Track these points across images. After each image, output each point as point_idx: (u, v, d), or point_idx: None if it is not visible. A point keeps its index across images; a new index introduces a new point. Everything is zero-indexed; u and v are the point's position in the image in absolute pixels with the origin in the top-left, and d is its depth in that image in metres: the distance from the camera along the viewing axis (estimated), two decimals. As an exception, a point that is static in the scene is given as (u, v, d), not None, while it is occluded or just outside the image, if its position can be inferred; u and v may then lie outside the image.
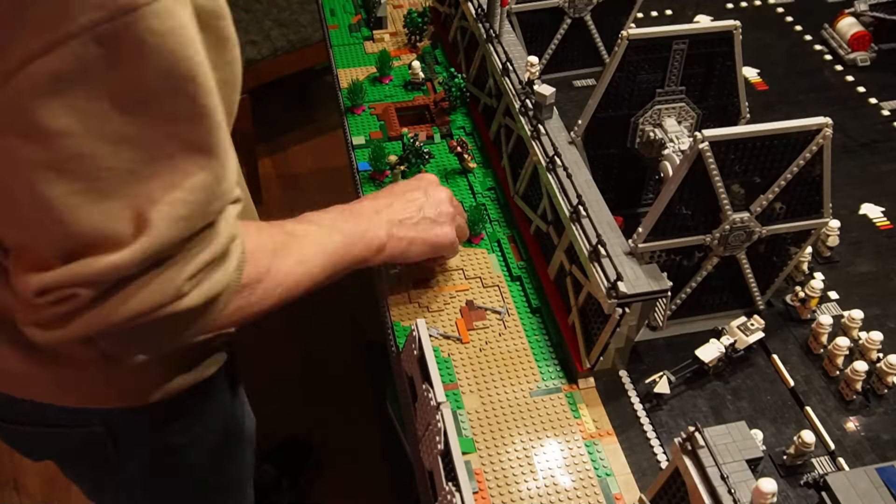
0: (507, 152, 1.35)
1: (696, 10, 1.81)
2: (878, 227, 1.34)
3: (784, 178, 1.03)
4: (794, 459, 0.99)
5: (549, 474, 0.99)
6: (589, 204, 1.07)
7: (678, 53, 1.15)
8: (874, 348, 1.09)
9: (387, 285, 1.21)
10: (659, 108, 1.20)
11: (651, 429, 1.05)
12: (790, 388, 1.09)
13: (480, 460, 1.00)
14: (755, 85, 1.62)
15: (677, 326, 1.17)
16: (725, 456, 0.80)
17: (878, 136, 1.51)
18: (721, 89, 1.22)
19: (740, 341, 1.09)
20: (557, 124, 1.22)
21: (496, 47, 1.34)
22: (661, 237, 1.03)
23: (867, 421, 1.05)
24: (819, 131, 1.00)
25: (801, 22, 1.80)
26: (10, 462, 2.28)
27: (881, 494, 0.78)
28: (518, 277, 1.24)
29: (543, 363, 1.12)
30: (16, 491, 2.23)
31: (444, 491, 0.90)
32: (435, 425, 0.94)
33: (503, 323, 1.17)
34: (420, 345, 1.01)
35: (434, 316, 1.18)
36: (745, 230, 1.07)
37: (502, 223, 1.33)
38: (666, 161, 1.13)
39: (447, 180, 1.40)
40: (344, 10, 1.81)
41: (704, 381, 1.10)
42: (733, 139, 0.98)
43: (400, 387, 1.15)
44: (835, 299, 1.21)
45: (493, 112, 1.40)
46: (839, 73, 1.66)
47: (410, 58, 1.64)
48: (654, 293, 0.99)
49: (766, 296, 1.18)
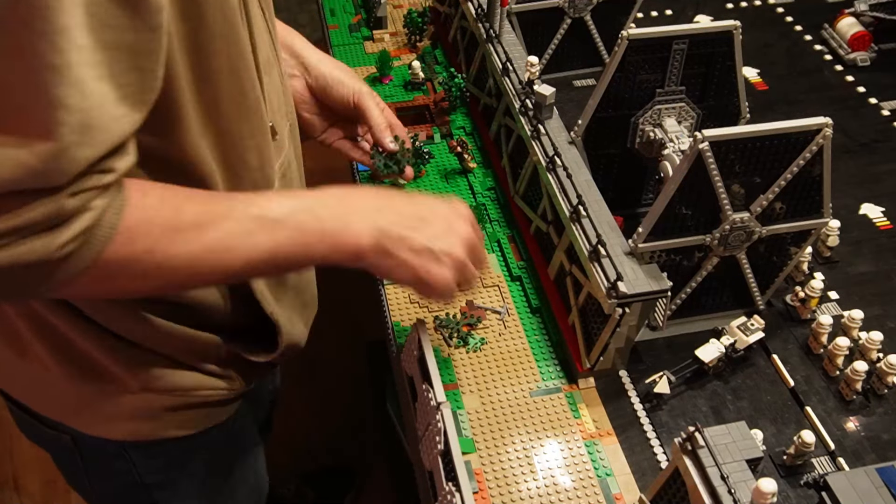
0: (507, 152, 1.35)
1: (696, 10, 1.81)
2: (878, 227, 1.34)
3: (784, 178, 1.03)
4: (794, 459, 0.99)
5: (549, 474, 0.99)
6: (589, 204, 1.07)
7: (678, 53, 1.15)
8: (874, 348, 1.09)
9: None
10: (659, 108, 1.20)
11: (651, 429, 1.05)
12: (790, 388, 1.09)
13: (480, 460, 1.00)
14: (755, 85, 1.62)
15: (677, 326, 1.17)
16: (725, 456, 0.80)
17: (878, 136, 1.51)
18: (721, 89, 1.22)
19: (740, 341, 1.09)
20: (557, 124, 1.22)
21: (496, 47, 1.34)
22: (661, 237, 1.03)
23: (867, 421, 1.05)
24: (819, 131, 1.00)
25: (801, 22, 1.80)
26: (10, 462, 2.28)
27: (881, 494, 0.78)
28: (518, 277, 1.24)
29: (543, 363, 1.12)
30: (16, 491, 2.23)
31: (444, 491, 0.89)
32: (435, 425, 0.94)
33: (503, 323, 1.17)
34: (420, 345, 1.01)
35: (434, 316, 1.18)
36: (745, 230, 1.07)
37: (502, 223, 1.33)
38: (666, 161, 1.13)
39: (447, 180, 1.40)
40: (344, 10, 1.81)
41: (704, 381, 1.10)
42: (733, 139, 0.98)
43: (400, 387, 1.15)
44: (835, 299, 1.21)
45: (493, 112, 1.40)
46: (839, 73, 1.66)
47: (410, 58, 1.64)
48: (654, 293, 0.99)
49: (766, 296, 1.18)
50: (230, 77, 0.81)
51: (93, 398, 0.98)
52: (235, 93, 0.83)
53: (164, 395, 0.99)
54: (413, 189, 1.38)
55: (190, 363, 0.99)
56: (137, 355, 0.94)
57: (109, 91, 0.65)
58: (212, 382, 1.02)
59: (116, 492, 1.13)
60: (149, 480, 1.10)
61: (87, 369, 0.94)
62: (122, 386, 0.96)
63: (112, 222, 0.69)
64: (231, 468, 1.22)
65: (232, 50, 0.80)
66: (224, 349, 1.00)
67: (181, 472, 1.12)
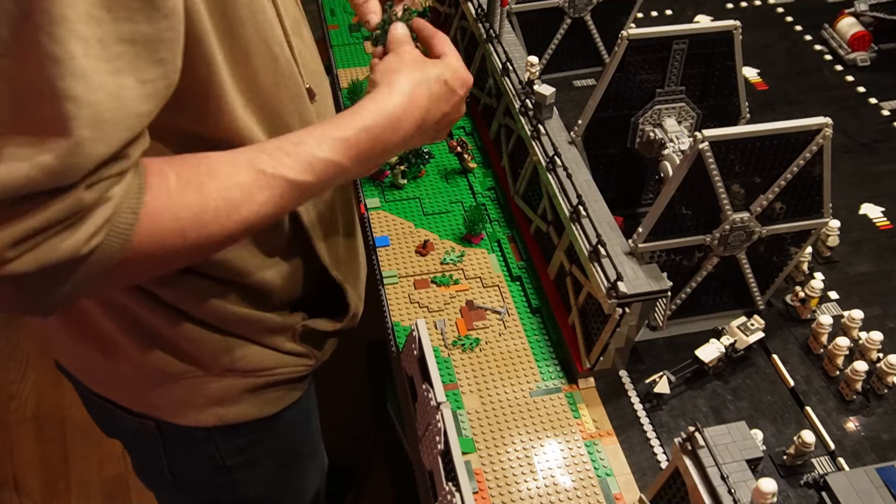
0: (507, 152, 1.35)
1: (696, 10, 1.81)
2: (878, 227, 1.34)
3: (784, 178, 1.02)
4: (794, 459, 0.99)
5: (549, 474, 0.99)
6: (589, 204, 1.07)
7: (678, 53, 1.15)
8: (874, 348, 1.09)
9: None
10: (659, 108, 1.20)
11: (651, 429, 1.05)
12: (790, 388, 1.09)
13: (480, 460, 1.00)
14: (755, 85, 1.62)
15: (677, 326, 1.17)
16: (725, 456, 0.80)
17: (878, 136, 1.51)
18: (721, 89, 1.22)
19: (740, 341, 1.09)
20: (557, 124, 1.22)
21: (496, 47, 1.34)
22: (661, 237, 1.03)
23: (867, 421, 1.05)
24: (819, 131, 1.00)
25: (801, 22, 1.80)
26: (10, 462, 2.28)
27: (881, 494, 0.78)
28: (518, 277, 1.24)
29: (543, 363, 1.12)
30: (16, 491, 2.23)
31: (444, 491, 0.90)
32: (435, 425, 0.94)
33: (503, 323, 1.17)
34: (420, 345, 1.01)
35: (434, 316, 1.18)
36: (745, 230, 1.07)
37: (502, 223, 1.33)
38: (666, 161, 1.13)
39: (447, 180, 1.40)
40: (344, 10, 1.81)
41: (704, 381, 1.10)
42: (733, 139, 0.98)
43: (400, 387, 1.15)
44: (835, 299, 1.21)
45: (493, 112, 1.40)
46: (839, 73, 1.66)
47: (410, 58, 1.64)
48: (654, 293, 0.99)
49: (766, 296, 1.18)
50: (260, 45, 0.80)
51: (181, 389, 1.00)
52: (268, 60, 0.82)
53: (247, 376, 1.01)
54: (413, 189, 1.38)
55: (267, 343, 1.01)
56: (218, 339, 0.96)
57: (133, 86, 0.64)
58: (289, 360, 1.05)
59: (197, 476, 1.15)
60: (231, 462, 1.12)
61: (174, 359, 0.96)
62: (207, 371, 0.98)
63: (133, 207, 0.68)
64: (304, 445, 1.25)
65: (259, 17, 0.79)
66: (298, 325, 1.03)
67: (261, 451, 1.15)
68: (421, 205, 1.36)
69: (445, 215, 1.34)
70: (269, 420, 1.10)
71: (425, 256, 1.27)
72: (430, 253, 1.27)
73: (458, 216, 1.33)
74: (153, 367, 0.97)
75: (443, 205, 1.36)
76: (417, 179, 1.40)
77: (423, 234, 1.30)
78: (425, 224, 1.32)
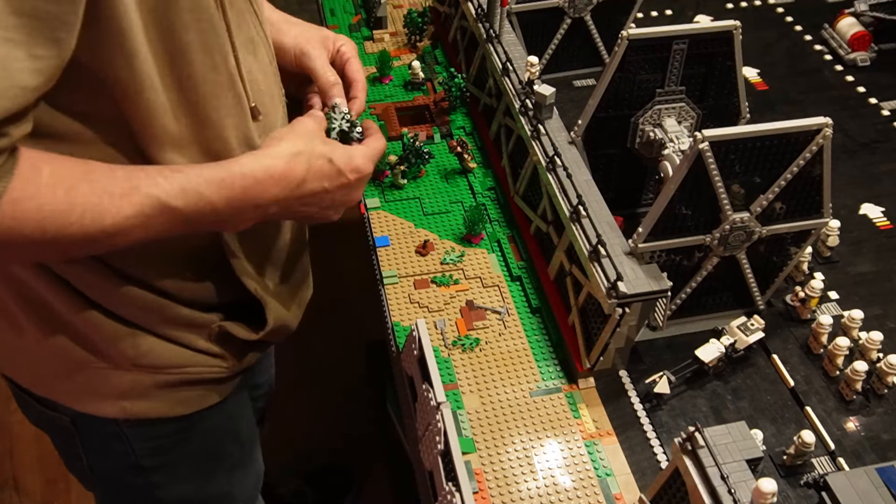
0: (507, 152, 1.35)
1: (696, 10, 1.81)
2: (878, 227, 1.34)
3: (784, 179, 1.03)
4: (794, 459, 0.99)
5: (549, 474, 0.99)
6: (589, 204, 1.07)
7: (678, 53, 1.15)
8: (874, 348, 1.09)
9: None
10: (659, 108, 1.20)
11: (651, 429, 1.05)
12: (790, 388, 1.09)
13: (480, 460, 1.00)
14: (755, 85, 1.62)
15: (677, 326, 1.17)
16: (725, 456, 0.80)
17: (878, 136, 1.51)
18: (721, 89, 1.22)
19: (740, 341, 1.09)
20: (557, 124, 1.22)
21: (496, 47, 1.34)
22: (661, 237, 1.03)
23: (867, 421, 1.05)
24: (819, 131, 1.00)
25: (801, 22, 1.80)
26: (10, 462, 2.28)
27: (881, 494, 0.78)
28: (518, 277, 1.24)
29: (543, 363, 1.12)
30: (16, 491, 2.23)
31: (444, 491, 0.90)
32: (435, 425, 0.94)
33: (503, 323, 1.17)
34: (420, 345, 1.01)
35: (434, 316, 1.18)
36: (745, 230, 1.07)
37: (502, 223, 1.33)
38: (666, 161, 1.13)
39: (447, 180, 1.40)
40: (344, 10, 1.81)
41: (704, 381, 1.10)
42: (733, 139, 0.98)
43: (400, 387, 1.15)
44: (835, 299, 1.21)
45: (493, 112, 1.40)
46: (839, 73, 1.66)
47: (410, 58, 1.64)
48: (654, 293, 0.99)
49: (766, 296, 1.18)
50: (201, 52, 0.81)
51: (84, 374, 0.99)
52: (208, 68, 0.83)
53: (155, 372, 0.99)
54: (413, 189, 1.38)
55: (180, 340, 0.99)
56: (125, 330, 0.95)
57: (22, 58, 0.65)
58: (202, 360, 1.02)
59: (114, 474, 1.14)
60: (146, 463, 1.11)
61: (75, 343, 0.95)
62: (112, 362, 0.97)
63: None
64: (227, 453, 1.22)
65: (203, 25, 0.80)
66: (214, 326, 1.01)
67: (177, 454, 1.13)
68: (421, 205, 1.36)
69: (445, 215, 1.34)
70: (188, 422, 1.08)
71: (425, 256, 1.27)
72: (430, 253, 1.27)
73: (458, 216, 1.33)
74: (53, 350, 0.96)
75: (443, 205, 1.36)
76: (417, 179, 1.40)
77: (423, 234, 1.30)
78: (425, 224, 1.32)
